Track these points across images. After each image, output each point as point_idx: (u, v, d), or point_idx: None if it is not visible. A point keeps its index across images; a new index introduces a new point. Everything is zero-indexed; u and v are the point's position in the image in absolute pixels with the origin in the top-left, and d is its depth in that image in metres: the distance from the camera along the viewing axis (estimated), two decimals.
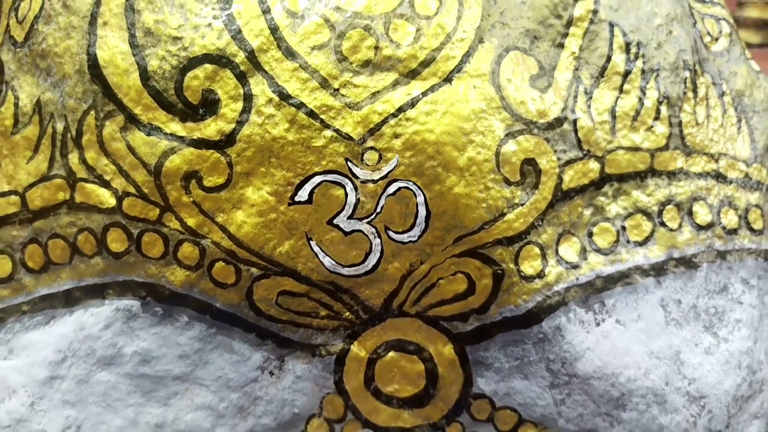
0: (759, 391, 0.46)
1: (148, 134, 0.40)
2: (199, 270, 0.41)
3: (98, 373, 0.43)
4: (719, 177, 0.47)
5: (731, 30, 0.53)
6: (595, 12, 0.43)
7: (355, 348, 0.43)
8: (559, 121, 0.41)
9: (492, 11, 0.41)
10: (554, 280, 0.41)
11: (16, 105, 0.45)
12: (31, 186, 0.44)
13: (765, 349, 0.47)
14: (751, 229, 0.47)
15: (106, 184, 0.41)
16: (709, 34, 0.51)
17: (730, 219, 0.46)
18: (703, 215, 0.45)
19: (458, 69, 0.39)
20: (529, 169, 0.40)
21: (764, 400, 0.47)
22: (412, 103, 0.39)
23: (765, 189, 0.49)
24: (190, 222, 0.40)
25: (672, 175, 0.45)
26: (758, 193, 0.49)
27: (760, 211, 0.48)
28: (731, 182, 0.47)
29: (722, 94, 0.50)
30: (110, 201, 0.42)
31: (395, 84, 0.39)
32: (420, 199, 0.39)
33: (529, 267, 0.40)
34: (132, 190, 0.41)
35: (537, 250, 0.41)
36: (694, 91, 0.47)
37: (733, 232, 0.46)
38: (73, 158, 0.42)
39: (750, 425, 0.47)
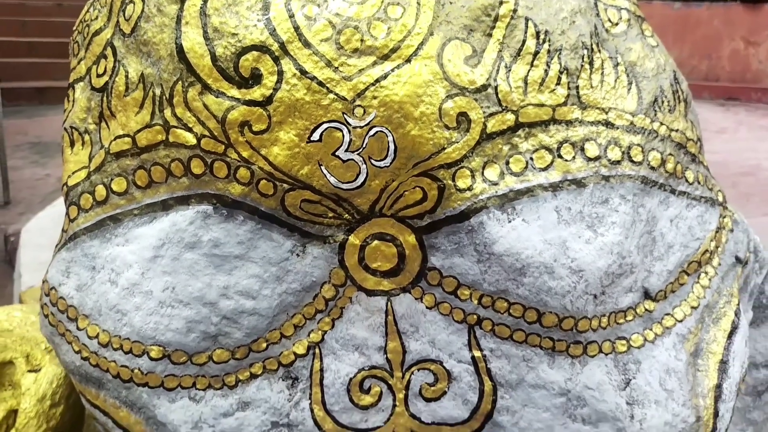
0: (630, 272, 0.67)
1: (217, 97, 0.62)
2: (250, 185, 0.64)
3: (185, 253, 0.66)
4: (608, 124, 0.67)
5: (630, 16, 0.73)
6: (515, 11, 0.64)
7: (351, 238, 0.65)
8: (484, 87, 0.62)
9: (440, 13, 0.61)
10: (479, 192, 0.62)
11: (126, 76, 0.67)
12: (138, 131, 0.66)
13: (635, 244, 0.68)
14: (632, 161, 0.68)
15: (189, 130, 0.64)
16: (610, 20, 0.71)
17: (614, 153, 0.67)
18: (592, 150, 0.66)
19: (415, 53, 0.60)
20: (462, 119, 0.61)
21: (636, 279, 0.69)
22: (385, 76, 0.60)
23: (647, 132, 0.70)
24: (244, 154, 0.62)
25: (569, 123, 0.65)
26: (640, 136, 0.69)
27: (641, 148, 0.69)
28: (618, 128, 0.68)
29: (617, 65, 0.69)
30: (192, 140, 0.64)
31: (374, 64, 0.60)
32: (390, 138, 0.60)
33: (462, 183, 0.62)
34: (206, 133, 0.63)
35: (468, 172, 0.62)
36: (591, 63, 0.67)
37: (617, 162, 0.67)
38: (167, 113, 0.64)
39: (624, 296, 0.68)
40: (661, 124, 0.70)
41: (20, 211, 3.26)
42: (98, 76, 0.70)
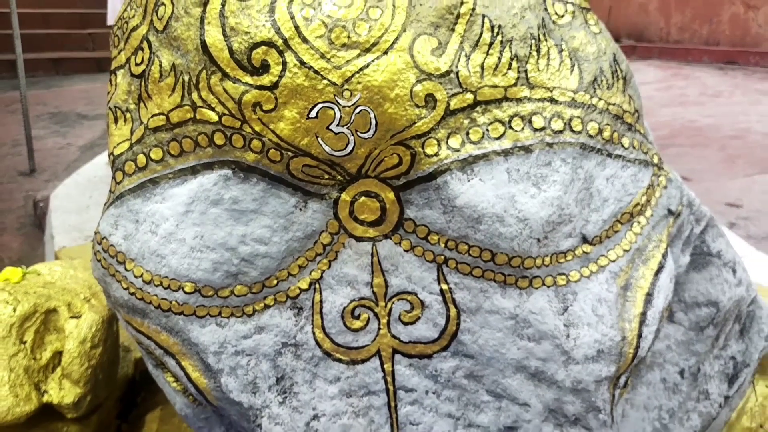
0: (568, 221, 0.83)
1: (234, 83, 0.78)
2: (262, 154, 0.80)
3: (211, 208, 0.83)
4: (552, 100, 0.82)
5: (575, 9, 0.87)
6: (473, 9, 0.78)
7: (344, 195, 0.82)
8: (447, 73, 0.77)
9: (412, 13, 0.76)
10: (444, 157, 0.78)
11: (160, 65, 0.83)
12: (171, 110, 0.82)
13: (573, 198, 0.83)
14: (572, 130, 0.83)
15: (212, 109, 0.79)
16: (557, 13, 0.85)
17: (557, 124, 0.82)
18: (538, 122, 0.81)
19: (391, 47, 0.75)
20: (429, 99, 0.76)
21: (574, 227, 0.84)
22: (367, 65, 0.75)
23: (586, 106, 0.85)
24: (256, 128, 0.78)
25: (519, 100, 0.80)
26: (581, 109, 0.84)
27: (580, 119, 0.84)
28: (561, 103, 0.83)
29: (561, 51, 0.84)
30: (214, 117, 0.80)
31: (358, 55, 0.75)
32: (372, 115, 0.76)
33: (430, 150, 0.78)
34: (226, 111, 0.79)
35: (435, 142, 0.78)
36: (538, 51, 0.82)
37: (559, 132, 0.82)
38: (194, 95, 0.80)
39: (564, 240, 0.84)
40: (600, 99, 0.85)
41: (45, 178, 3.45)
42: (137, 65, 0.86)
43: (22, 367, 1.17)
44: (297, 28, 0.75)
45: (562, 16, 0.86)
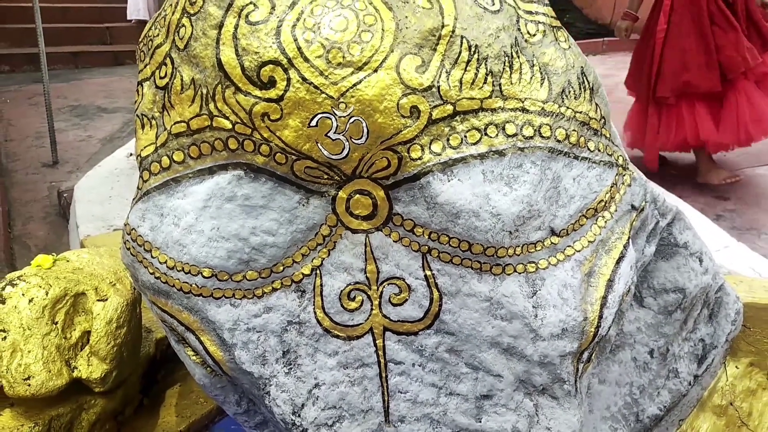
0: (537, 216, 0.95)
1: (245, 96, 0.90)
2: (269, 157, 0.92)
3: (225, 204, 0.95)
4: (524, 110, 0.94)
5: (545, 28, 0.98)
6: (453, 31, 0.90)
7: (341, 193, 0.94)
8: (430, 87, 0.88)
9: (399, 36, 0.88)
10: (427, 160, 0.90)
11: (181, 79, 0.95)
12: (191, 118, 0.94)
13: (542, 196, 0.95)
14: (542, 136, 0.95)
15: (226, 118, 0.92)
16: (528, 32, 0.97)
17: (528, 131, 0.94)
18: (511, 129, 0.93)
19: (380, 65, 0.87)
20: (414, 110, 0.88)
21: (543, 221, 0.96)
22: (360, 82, 0.87)
23: (555, 115, 0.96)
24: (265, 135, 0.90)
25: (494, 110, 0.92)
26: (549, 117, 0.95)
27: (549, 126, 0.95)
28: (531, 112, 0.94)
29: (533, 66, 0.95)
30: (228, 125, 0.92)
31: (352, 73, 0.87)
32: (364, 124, 0.88)
33: (414, 154, 0.89)
34: (238, 120, 0.91)
35: (419, 147, 0.89)
36: (511, 66, 0.93)
37: (530, 137, 0.94)
38: (211, 106, 0.92)
39: (534, 233, 0.96)
40: (567, 108, 0.97)
41: (68, 169, 3.60)
42: (161, 78, 0.98)
43: (54, 345, 1.27)
44: (299, 49, 0.87)
45: (534, 35, 0.97)
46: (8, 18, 6.64)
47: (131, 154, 3.10)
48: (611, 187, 1.02)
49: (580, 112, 0.98)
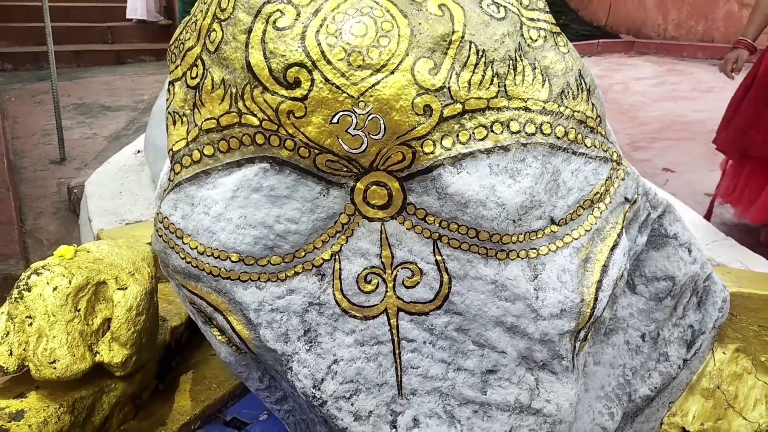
0: (538, 206, 1.03)
1: (272, 95, 0.98)
2: (294, 151, 1.00)
3: (252, 194, 1.03)
4: (527, 109, 1.02)
5: (547, 34, 1.07)
6: (462, 37, 0.98)
7: (358, 184, 1.02)
8: (441, 88, 0.97)
9: (413, 41, 0.97)
10: (439, 154, 0.98)
11: (212, 80, 1.03)
12: (221, 115, 1.03)
13: (543, 188, 1.03)
14: (543, 133, 1.03)
15: (254, 115, 1.00)
16: (531, 38, 1.05)
17: (530, 128, 1.02)
18: (515, 127, 1.01)
19: (397, 68, 0.95)
20: (427, 108, 0.97)
21: (544, 211, 1.05)
22: (378, 82, 0.95)
23: (555, 113, 1.04)
24: (290, 131, 0.99)
25: (499, 109, 1.00)
26: (550, 116, 1.04)
27: (550, 124, 1.04)
28: (533, 111, 1.03)
29: (534, 68, 1.04)
30: (256, 122, 1.00)
31: (371, 74, 0.95)
32: (382, 122, 0.96)
33: (427, 149, 0.98)
34: (266, 117, 0.99)
35: (431, 142, 0.98)
36: (515, 69, 1.02)
37: (532, 134, 1.02)
38: (240, 104, 1.01)
39: (535, 222, 1.04)
40: (566, 107, 1.05)
41: (76, 166, 3.68)
42: (192, 78, 1.06)
43: (77, 331, 1.34)
44: (323, 52, 0.95)
45: (536, 40, 1.06)
46: (11, 17, 6.70)
47: (138, 151, 3.18)
48: (606, 180, 1.10)
49: (578, 111, 1.07)
